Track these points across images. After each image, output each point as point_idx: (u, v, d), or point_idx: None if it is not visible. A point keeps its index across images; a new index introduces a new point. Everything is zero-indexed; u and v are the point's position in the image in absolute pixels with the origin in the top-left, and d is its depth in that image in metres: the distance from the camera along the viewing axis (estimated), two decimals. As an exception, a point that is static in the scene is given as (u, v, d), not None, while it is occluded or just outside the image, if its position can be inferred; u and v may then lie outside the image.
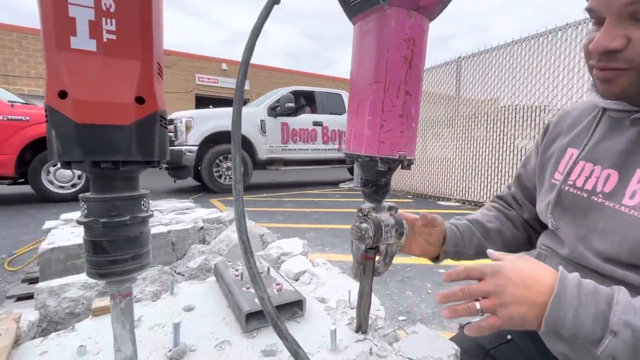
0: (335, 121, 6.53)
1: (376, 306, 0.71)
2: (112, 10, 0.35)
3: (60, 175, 4.19)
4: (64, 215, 1.67)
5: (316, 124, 6.31)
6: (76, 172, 4.29)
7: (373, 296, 0.62)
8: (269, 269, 0.82)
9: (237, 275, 0.77)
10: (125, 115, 0.36)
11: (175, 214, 1.66)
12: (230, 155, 5.33)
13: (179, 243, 1.32)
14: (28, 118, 3.91)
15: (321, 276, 0.90)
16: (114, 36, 0.35)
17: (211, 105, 12.82)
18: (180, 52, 13.48)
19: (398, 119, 0.47)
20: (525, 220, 0.74)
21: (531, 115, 4.13)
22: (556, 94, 3.87)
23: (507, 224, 0.73)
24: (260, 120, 5.71)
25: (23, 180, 4.18)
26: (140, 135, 0.38)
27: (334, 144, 6.54)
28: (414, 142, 0.50)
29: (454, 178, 5.16)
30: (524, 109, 4.21)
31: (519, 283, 0.41)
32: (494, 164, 4.52)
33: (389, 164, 0.48)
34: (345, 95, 6.91)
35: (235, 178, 0.41)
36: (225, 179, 5.43)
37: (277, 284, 0.72)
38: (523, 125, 4.20)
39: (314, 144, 6.31)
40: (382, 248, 0.58)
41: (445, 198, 5.23)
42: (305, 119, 6.20)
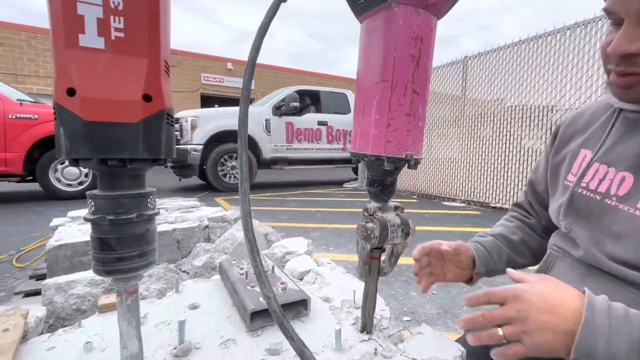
0: (340, 121, 6.53)
1: (381, 306, 0.71)
2: (120, 8, 0.35)
3: (68, 173, 4.24)
4: (71, 213, 1.69)
5: (321, 123, 6.31)
6: (83, 170, 4.34)
7: (378, 296, 0.61)
8: (273, 267, 0.82)
9: (242, 274, 0.77)
10: (132, 113, 0.36)
11: (180, 213, 1.66)
12: (235, 155, 5.36)
13: (184, 241, 1.33)
14: (36, 116, 3.96)
15: (326, 276, 0.90)
16: (122, 34, 0.35)
17: (216, 105, 12.88)
18: (186, 52, 13.55)
19: (405, 117, 0.47)
20: (544, 227, 0.72)
21: (538, 116, 4.09)
22: (564, 94, 3.83)
23: (531, 233, 0.72)
24: (265, 120, 5.72)
25: (31, 178, 4.24)
26: (147, 133, 0.38)
27: (338, 143, 6.54)
28: (420, 142, 0.50)
29: (459, 178, 5.12)
30: (531, 109, 4.17)
31: (543, 308, 0.39)
32: (500, 164, 4.49)
33: (395, 163, 0.48)
34: (350, 95, 6.89)
35: (241, 176, 0.41)
36: (230, 177, 5.46)
37: (282, 283, 0.71)
38: (530, 125, 4.16)
39: (318, 143, 6.31)
40: (388, 248, 0.57)
41: (450, 199, 5.19)
42: (310, 119, 6.20)
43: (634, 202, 0.47)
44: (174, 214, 1.63)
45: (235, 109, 5.77)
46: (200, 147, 5.15)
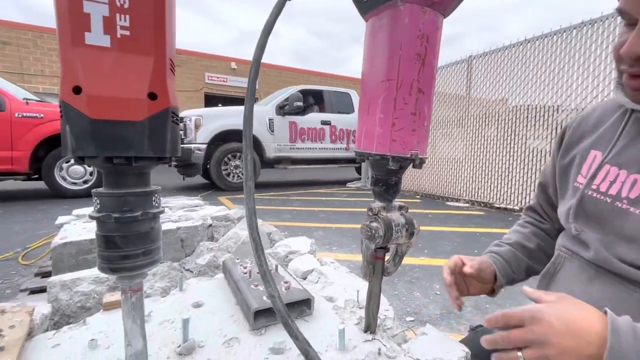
0: (344, 120, 6.52)
1: (385, 306, 0.71)
2: (126, 6, 0.35)
3: (73, 172, 4.28)
4: (76, 211, 1.70)
5: (324, 123, 6.30)
6: (88, 169, 4.37)
7: (382, 296, 0.61)
8: (277, 267, 0.82)
9: (246, 273, 0.77)
10: (138, 111, 0.37)
11: (184, 211, 1.67)
12: (238, 154, 5.37)
13: (187, 240, 1.33)
14: (42, 115, 3.99)
15: (329, 275, 0.90)
16: (127, 32, 0.35)
17: (220, 104, 12.91)
18: (190, 51, 13.60)
19: (410, 117, 0.46)
20: (558, 230, 0.71)
21: (544, 116, 4.05)
22: (570, 94, 3.80)
23: (546, 239, 0.72)
24: (269, 119, 5.73)
25: (37, 176, 4.28)
26: (152, 131, 0.38)
27: (342, 143, 6.53)
28: (425, 141, 0.50)
29: (463, 179, 5.10)
30: (536, 109, 4.13)
31: (564, 332, 0.37)
32: (505, 164, 4.46)
33: (400, 162, 0.48)
34: (354, 95, 6.88)
35: (246, 175, 0.41)
36: (233, 177, 5.47)
37: (286, 282, 0.71)
38: (535, 125, 4.13)
39: (322, 143, 6.30)
40: (392, 248, 0.57)
41: (454, 199, 5.17)
42: (313, 118, 6.20)
43: None
44: (178, 212, 1.64)
45: (239, 109, 5.79)
46: (204, 146, 5.17)
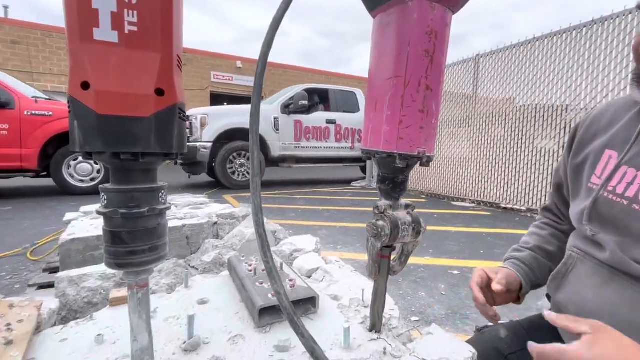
0: (349, 119, 6.50)
1: (390, 306, 0.70)
2: (134, 2, 0.35)
3: (81, 169, 4.33)
4: (83, 208, 1.72)
5: (329, 122, 6.30)
6: (95, 167, 4.42)
7: (387, 295, 0.61)
8: (282, 264, 0.82)
9: (251, 271, 0.77)
10: (145, 107, 0.37)
11: (190, 209, 1.68)
12: (243, 152, 5.39)
13: (193, 237, 1.34)
14: (51, 113, 4.04)
15: (334, 274, 0.90)
16: (135, 28, 0.35)
17: (226, 103, 12.97)
18: (196, 50, 13.66)
19: (418, 114, 0.46)
20: None
21: (552, 115, 4.00)
22: (579, 93, 3.74)
23: (566, 241, 0.70)
24: (274, 118, 5.74)
25: (45, 173, 4.33)
26: (159, 127, 0.38)
27: (347, 142, 6.52)
28: (433, 139, 0.49)
29: (469, 178, 5.06)
30: (544, 108, 4.08)
31: None
32: (512, 164, 4.41)
33: (407, 160, 0.47)
34: (359, 93, 6.86)
35: (252, 171, 0.40)
36: (238, 175, 5.49)
37: (291, 280, 0.71)
38: (543, 125, 4.08)
39: (326, 142, 6.30)
40: (398, 247, 0.57)
41: (460, 199, 5.13)
42: (318, 117, 6.20)
43: None
44: (184, 210, 1.65)
45: (244, 107, 5.80)
46: (210, 145, 5.20)
